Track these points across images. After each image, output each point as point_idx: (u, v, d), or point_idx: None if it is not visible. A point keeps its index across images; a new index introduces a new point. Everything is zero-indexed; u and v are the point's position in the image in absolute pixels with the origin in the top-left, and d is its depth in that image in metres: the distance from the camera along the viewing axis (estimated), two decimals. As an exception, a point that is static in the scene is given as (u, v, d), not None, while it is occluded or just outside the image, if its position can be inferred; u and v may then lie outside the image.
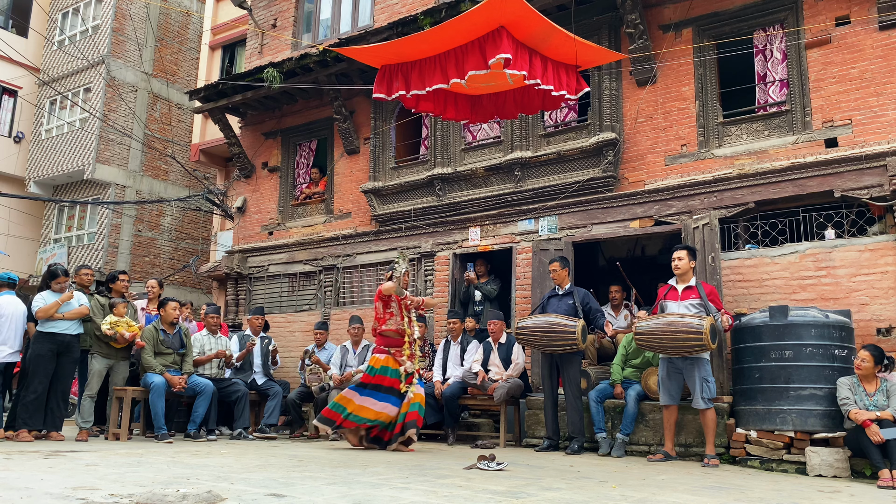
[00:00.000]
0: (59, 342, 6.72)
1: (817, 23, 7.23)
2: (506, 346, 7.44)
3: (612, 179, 8.16)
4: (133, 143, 16.70)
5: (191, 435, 7.27)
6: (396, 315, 6.52)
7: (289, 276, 11.15)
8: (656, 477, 4.76)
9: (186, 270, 16.87)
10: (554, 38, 5.24)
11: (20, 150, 17.91)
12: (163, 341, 7.41)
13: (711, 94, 7.83)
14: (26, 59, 17.45)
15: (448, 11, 8.41)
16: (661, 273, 8.02)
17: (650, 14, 8.15)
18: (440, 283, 9.44)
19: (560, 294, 6.97)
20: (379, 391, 6.33)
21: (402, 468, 4.82)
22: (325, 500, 3.32)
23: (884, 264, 6.54)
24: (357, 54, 5.93)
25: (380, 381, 6.35)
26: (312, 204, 11.21)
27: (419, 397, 6.40)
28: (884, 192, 6.61)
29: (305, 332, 10.42)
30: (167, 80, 17.18)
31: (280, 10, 12.19)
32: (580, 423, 6.58)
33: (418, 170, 9.77)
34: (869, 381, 5.35)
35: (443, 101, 6.02)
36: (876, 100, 6.85)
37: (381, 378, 6.36)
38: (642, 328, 6.00)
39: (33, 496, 3.23)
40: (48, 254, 16.92)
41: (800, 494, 4.18)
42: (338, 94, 10.35)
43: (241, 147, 11.89)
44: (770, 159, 7.29)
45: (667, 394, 6.08)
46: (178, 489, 3.27)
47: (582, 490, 3.97)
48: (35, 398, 6.54)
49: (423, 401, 6.45)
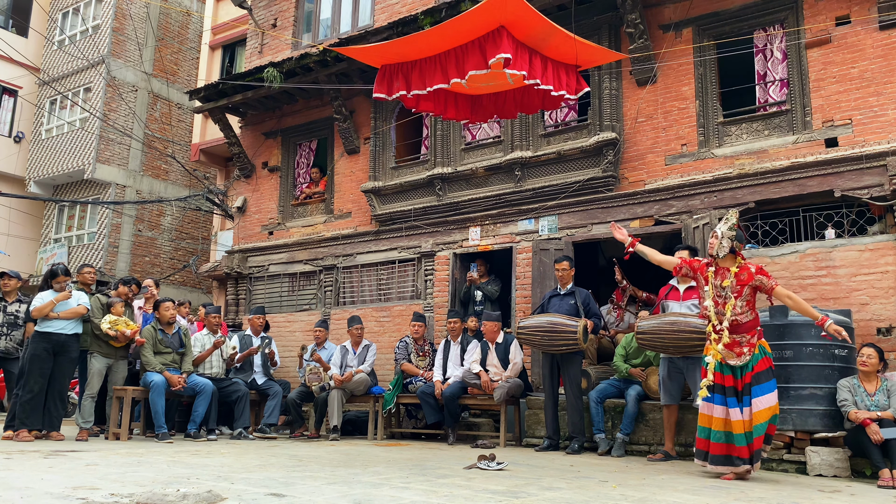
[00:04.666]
0: (55, 341, 6.70)
1: (817, 22, 7.23)
2: (503, 346, 7.43)
3: (613, 179, 8.16)
4: (133, 142, 16.70)
5: (191, 435, 7.27)
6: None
7: (289, 276, 11.15)
8: (656, 476, 4.76)
9: (186, 270, 16.88)
10: (554, 37, 5.24)
11: (20, 150, 17.91)
12: (162, 341, 7.41)
13: (711, 94, 7.83)
14: (26, 58, 17.46)
15: (448, 11, 8.41)
16: (661, 273, 8.00)
17: (650, 14, 8.15)
18: (440, 282, 9.44)
19: (562, 294, 6.97)
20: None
21: (402, 468, 4.82)
22: (326, 499, 3.32)
23: (884, 264, 6.54)
24: (357, 54, 5.93)
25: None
26: (312, 204, 11.21)
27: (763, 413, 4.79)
28: (884, 191, 6.61)
29: (305, 332, 10.42)
30: (167, 80, 17.17)
31: (280, 9, 12.19)
32: (580, 422, 6.58)
33: (418, 170, 9.77)
34: (870, 381, 5.35)
35: (443, 101, 6.01)
36: (876, 99, 6.85)
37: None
38: (644, 328, 5.99)
39: (33, 496, 3.23)
40: (48, 254, 16.92)
41: (800, 494, 4.18)
42: (338, 94, 10.35)
43: (241, 147, 11.89)
44: (770, 159, 7.29)
45: (667, 393, 6.08)
46: (179, 489, 3.27)
47: (582, 490, 3.97)
48: (32, 398, 6.52)
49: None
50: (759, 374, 4.76)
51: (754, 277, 4.79)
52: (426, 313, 9.19)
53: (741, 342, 4.81)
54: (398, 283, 10.00)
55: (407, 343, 8.27)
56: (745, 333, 4.81)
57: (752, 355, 4.79)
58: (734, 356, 4.82)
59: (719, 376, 4.86)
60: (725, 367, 4.85)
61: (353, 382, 8.01)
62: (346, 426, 8.42)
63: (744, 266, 4.86)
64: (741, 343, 4.81)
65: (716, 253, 4.86)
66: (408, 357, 8.18)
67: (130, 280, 7.84)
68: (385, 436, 7.98)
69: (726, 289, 4.82)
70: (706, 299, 4.94)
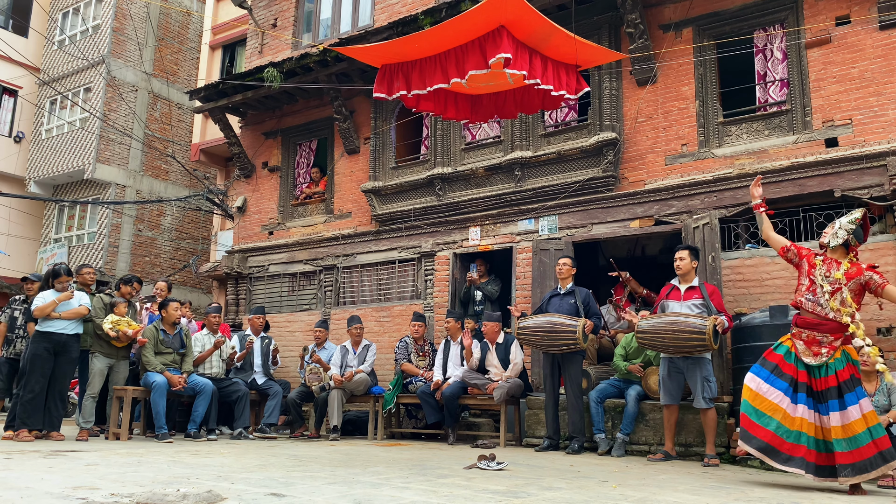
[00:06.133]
0: (56, 341, 6.69)
1: (817, 22, 7.23)
2: (503, 346, 7.43)
3: (613, 179, 8.16)
4: (133, 142, 16.71)
5: (191, 434, 7.27)
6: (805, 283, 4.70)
7: (289, 276, 11.15)
8: (656, 476, 4.76)
9: (187, 270, 16.88)
10: (554, 37, 5.24)
11: (20, 150, 17.92)
12: (163, 341, 7.41)
13: (711, 94, 7.83)
14: (26, 59, 17.46)
15: (448, 11, 8.41)
16: (661, 273, 8.02)
17: (650, 14, 8.15)
18: (440, 282, 9.44)
19: (562, 293, 6.97)
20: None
21: (402, 468, 4.82)
22: (326, 499, 3.32)
23: (884, 264, 6.54)
24: (357, 54, 5.93)
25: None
26: (312, 204, 11.21)
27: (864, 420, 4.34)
28: (884, 191, 6.61)
29: (305, 332, 10.42)
30: (167, 80, 17.18)
31: (280, 9, 12.19)
32: (581, 422, 6.58)
33: (418, 169, 9.77)
34: (870, 381, 5.35)
35: (443, 101, 6.01)
36: (876, 99, 6.85)
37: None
38: (644, 327, 5.99)
39: (34, 496, 3.23)
40: (48, 254, 16.93)
41: (800, 494, 4.18)
42: (338, 94, 10.35)
43: (241, 147, 11.89)
44: (770, 159, 7.29)
45: (667, 393, 6.08)
46: (179, 489, 3.27)
47: (582, 490, 3.97)
48: (33, 398, 6.52)
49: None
50: (846, 383, 4.39)
51: (863, 273, 4.52)
52: (426, 313, 9.19)
53: (822, 341, 4.50)
54: (398, 283, 10.00)
55: (407, 343, 8.27)
56: (829, 334, 4.49)
57: (833, 359, 4.45)
58: (810, 354, 4.52)
59: (791, 367, 4.56)
60: (800, 363, 4.55)
61: (353, 382, 8.02)
62: (346, 426, 8.42)
63: (855, 262, 4.62)
64: (822, 342, 4.51)
65: (828, 242, 4.62)
66: (408, 357, 8.18)
67: (131, 279, 7.83)
68: (385, 436, 7.98)
69: (836, 280, 4.49)
70: (802, 287, 4.66)
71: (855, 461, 4.22)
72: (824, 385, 4.45)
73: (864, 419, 4.28)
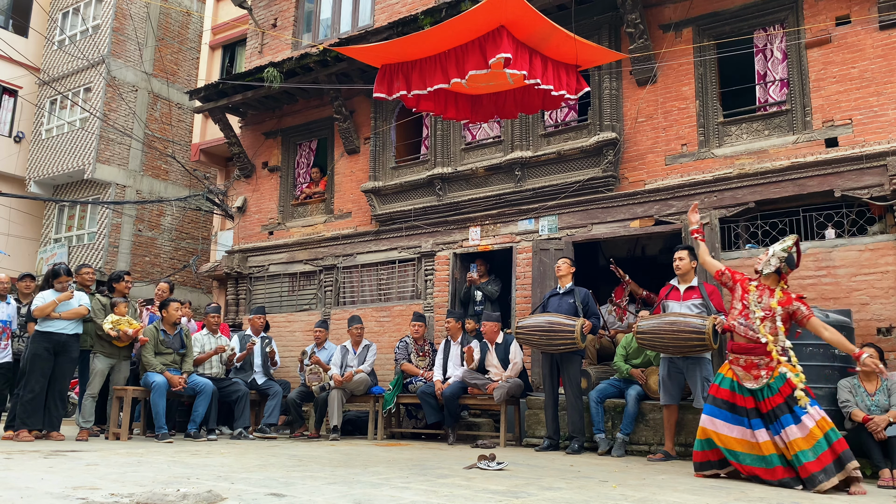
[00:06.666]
0: (56, 341, 6.69)
1: (817, 22, 7.23)
2: (503, 346, 7.43)
3: (613, 179, 8.16)
4: (133, 142, 16.71)
5: (191, 435, 7.27)
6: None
7: (289, 276, 11.15)
8: (656, 476, 4.76)
9: (187, 270, 16.87)
10: (554, 37, 5.24)
11: (20, 150, 17.92)
12: (163, 341, 7.41)
13: (711, 94, 7.83)
14: (26, 58, 17.46)
15: (448, 11, 8.41)
16: (661, 273, 8.01)
17: (650, 14, 8.15)
18: (440, 282, 9.44)
19: (561, 293, 6.97)
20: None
21: (402, 468, 4.82)
22: (326, 499, 3.32)
23: (884, 264, 6.54)
24: (357, 54, 5.93)
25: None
26: (313, 204, 11.21)
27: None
28: (884, 191, 6.61)
29: (305, 332, 10.42)
30: (167, 80, 17.17)
31: (280, 9, 12.19)
32: (580, 422, 6.58)
33: (418, 169, 9.77)
34: (870, 380, 5.35)
35: (443, 101, 6.01)
36: (876, 99, 6.85)
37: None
38: (644, 327, 5.99)
39: (34, 496, 3.23)
40: (48, 254, 16.93)
41: (800, 494, 4.18)
42: (338, 94, 10.35)
43: (241, 147, 11.90)
44: (770, 159, 7.29)
45: (667, 393, 6.08)
46: (179, 489, 3.27)
47: (582, 490, 3.97)
48: (33, 398, 6.52)
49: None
50: (791, 397, 4.54)
51: (792, 302, 4.71)
52: (426, 313, 9.19)
53: (759, 364, 4.69)
54: (398, 283, 10.00)
55: (407, 343, 8.27)
56: (765, 356, 4.67)
57: (773, 378, 4.62)
58: (751, 379, 4.70)
59: (739, 397, 4.73)
60: (744, 389, 4.72)
61: (353, 382, 8.02)
62: (346, 426, 8.42)
63: (786, 291, 4.81)
64: (759, 365, 4.69)
65: (761, 269, 4.84)
66: (408, 357, 8.18)
67: (121, 275, 7.72)
68: (385, 436, 7.98)
69: (769, 307, 4.71)
70: (735, 311, 4.87)
71: (824, 466, 4.35)
72: (771, 405, 4.60)
73: (818, 426, 4.43)
